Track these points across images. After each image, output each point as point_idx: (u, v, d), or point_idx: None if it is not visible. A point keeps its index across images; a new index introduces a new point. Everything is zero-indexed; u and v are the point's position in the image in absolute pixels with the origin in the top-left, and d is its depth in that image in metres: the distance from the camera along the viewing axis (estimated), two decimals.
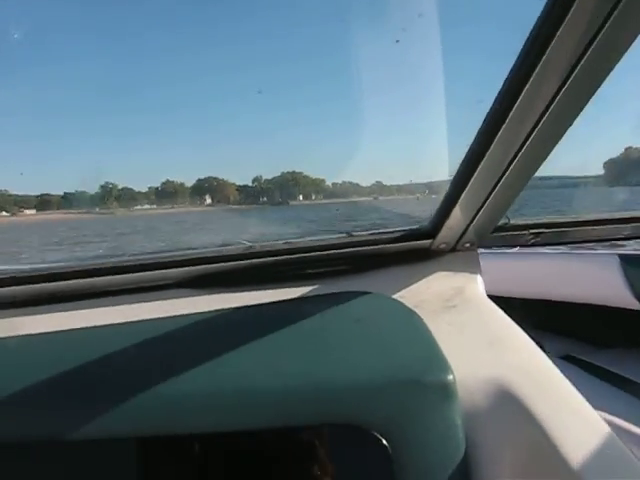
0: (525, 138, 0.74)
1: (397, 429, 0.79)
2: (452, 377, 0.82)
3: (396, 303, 1.00)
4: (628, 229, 1.11)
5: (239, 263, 1.02)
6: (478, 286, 1.06)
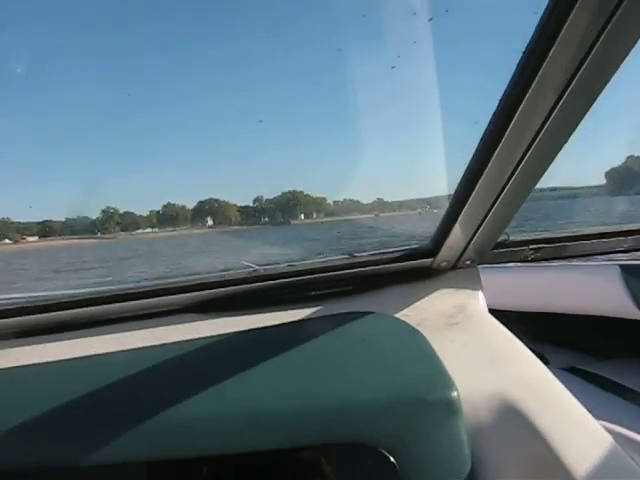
0: (522, 155, 0.75)
1: (404, 446, 0.79)
2: (456, 394, 0.82)
3: (399, 322, 1.00)
4: (629, 241, 1.12)
5: (243, 287, 1.02)
6: (479, 302, 1.07)
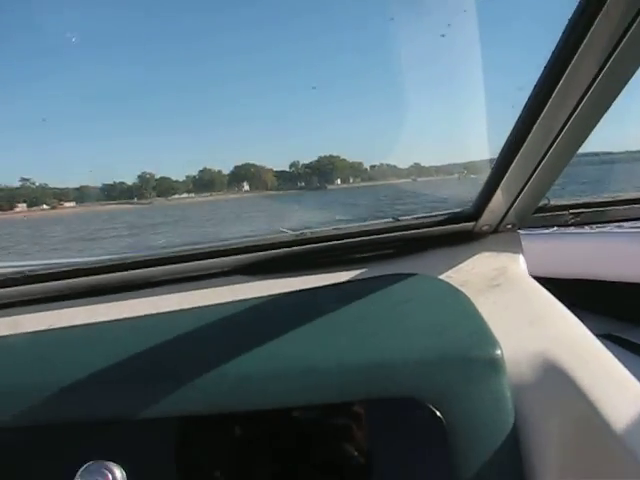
0: (565, 121, 0.76)
1: (450, 401, 0.82)
2: (500, 352, 0.85)
3: (442, 283, 1.03)
4: None
5: (291, 249, 1.06)
6: (520, 266, 1.09)
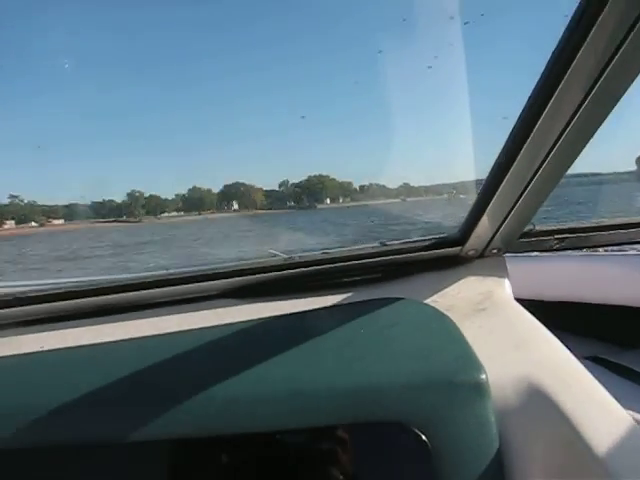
0: (550, 148, 0.78)
1: (435, 425, 0.83)
2: (485, 376, 0.85)
3: (428, 308, 1.04)
4: None
5: (279, 273, 1.07)
6: (506, 290, 1.10)
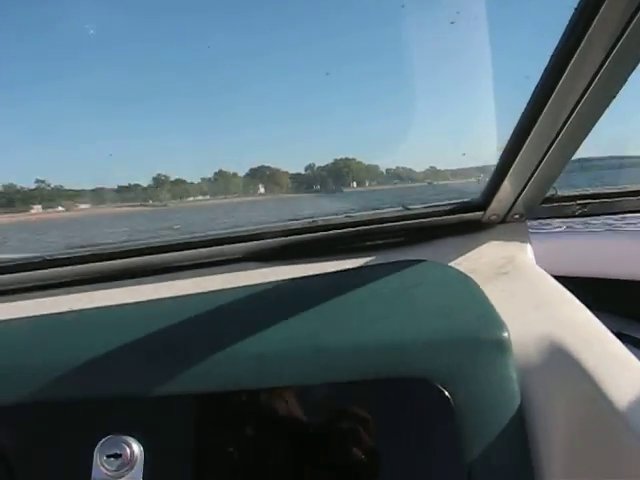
0: (572, 110, 0.77)
1: (458, 382, 0.84)
2: (507, 334, 0.87)
3: (451, 269, 1.05)
4: None
5: (303, 237, 1.09)
6: (528, 254, 1.10)
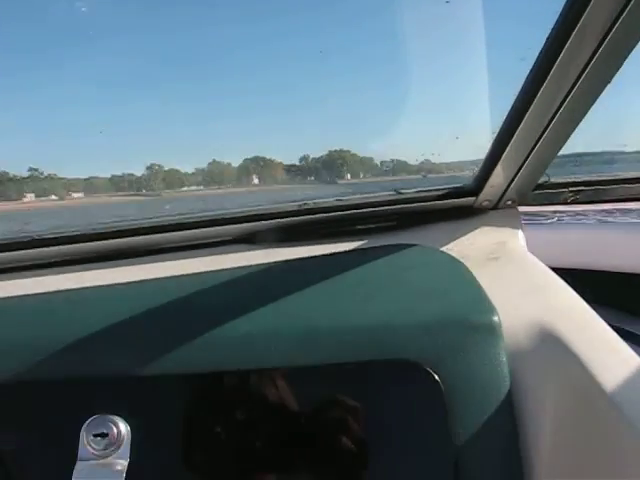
0: (565, 96, 0.76)
1: (447, 365, 0.84)
2: (497, 318, 0.86)
3: (442, 254, 1.04)
4: None
5: (294, 219, 1.08)
6: (519, 241, 1.10)
